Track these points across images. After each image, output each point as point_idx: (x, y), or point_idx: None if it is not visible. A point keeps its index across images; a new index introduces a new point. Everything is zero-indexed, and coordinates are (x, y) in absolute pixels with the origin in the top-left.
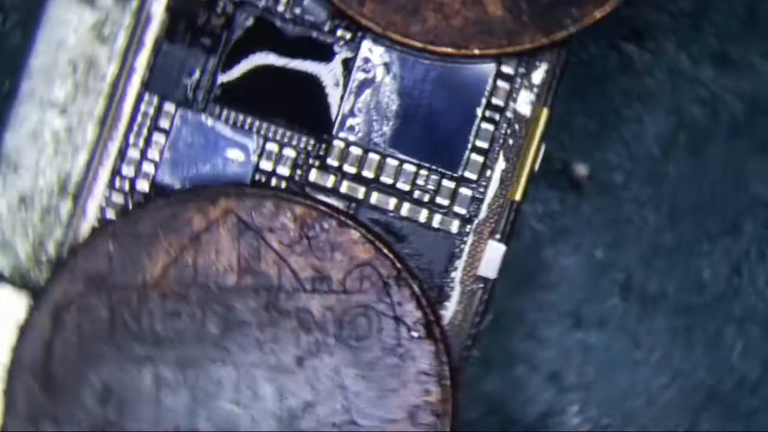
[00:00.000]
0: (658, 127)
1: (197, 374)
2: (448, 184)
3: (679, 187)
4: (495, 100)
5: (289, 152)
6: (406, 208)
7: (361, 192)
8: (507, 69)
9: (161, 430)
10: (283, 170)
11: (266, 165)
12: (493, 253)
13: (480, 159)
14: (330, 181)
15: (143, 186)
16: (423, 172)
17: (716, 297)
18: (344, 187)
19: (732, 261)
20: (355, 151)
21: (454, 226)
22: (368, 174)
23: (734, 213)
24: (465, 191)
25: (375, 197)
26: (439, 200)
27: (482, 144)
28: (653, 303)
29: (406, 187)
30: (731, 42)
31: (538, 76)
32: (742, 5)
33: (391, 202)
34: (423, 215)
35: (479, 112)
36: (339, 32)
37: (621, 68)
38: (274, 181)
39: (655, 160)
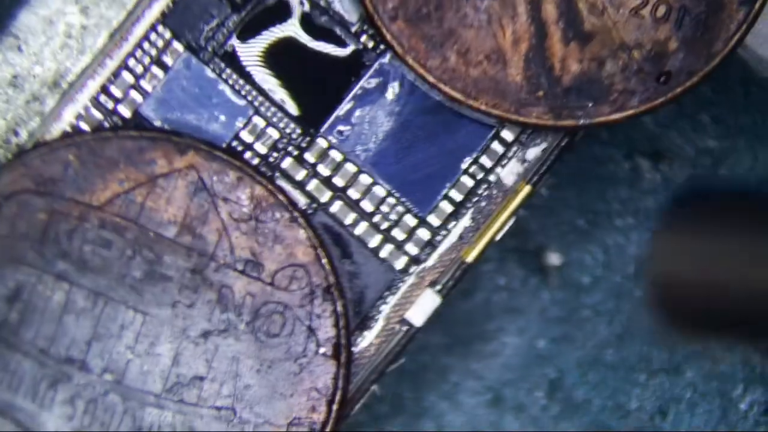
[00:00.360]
0: (642, 248)
1: (106, 310)
2: (409, 220)
3: (639, 312)
4: (484, 160)
5: (273, 132)
6: (361, 228)
7: (325, 196)
8: (507, 134)
9: (52, 351)
10: (261, 148)
11: (247, 136)
12: (427, 302)
13: (449, 209)
14: (300, 174)
15: (125, 111)
16: (391, 200)
17: (635, 428)
18: (311, 186)
19: (662, 400)
20: (335, 155)
21: (400, 262)
22: (339, 182)
23: (682, 356)
24: (423, 233)
25: (336, 206)
26: (395, 232)
27: (456, 196)
28: (574, 410)
29: (370, 209)
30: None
31: (533, 152)
32: (764, 166)
33: (350, 217)
34: (375, 241)
35: (465, 164)
36: (363, 38)
37: (628, 179)
38: (248, 155)
39: (626, 277)
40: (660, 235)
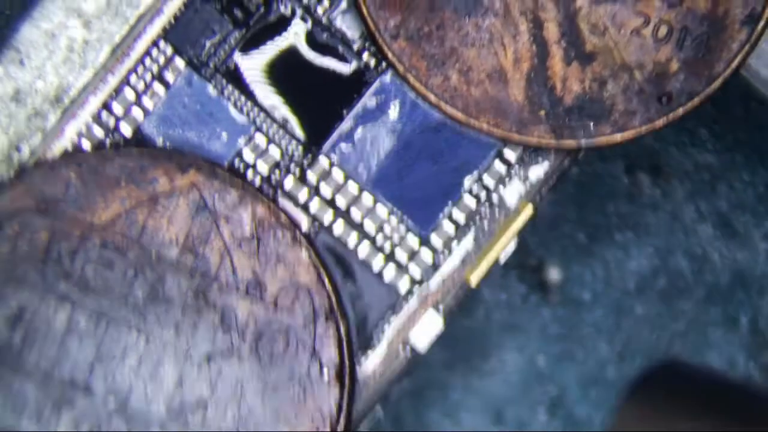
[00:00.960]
0: (641, 263)
1: (109, 332)
2: (412, 241)
3: (640, 329)
4: (486, 179)
5: (275, 151)
6: (364, 249)
7: (328, 216)
8: (509, 154)
9: (55, 373)
10: (263, 167)
11: (249, 155)
12: (430, 323)
13: (451, 229)
14: (303, 194)
15: (126, 129)
16: (393, 219)
17: None
18: (314, 205)
19: None
20: (337, 174)
21: (403, 283)
22: (341, 202)
23: None
24: (425, 254)
25: (339, 227)
26: (398, 253)
27: (458, 216)
28: (576, 427)
29: (372, 229)
30: (740, 211)
31: (535, 172)
32: (763, 183)
33: (353, 238)
34: (377, 261)
35: (467, 184)
36: (365, 55)
37: (628, 194)
38: (249, 174)
39: (626, 294)
40: (625, 408)
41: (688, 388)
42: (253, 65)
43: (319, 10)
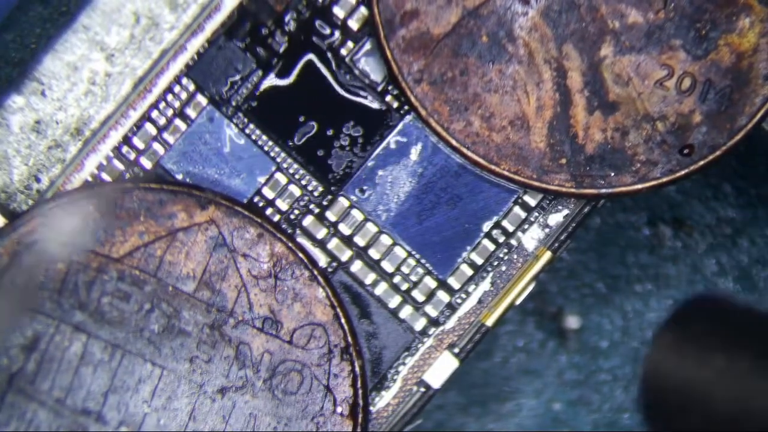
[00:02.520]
0: (660, 314)
1: (123, 362)
2: (429, 282)
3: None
4: (505, 224)
5: (295, 190)
6: (381, 288)
7: (346, 255)
8: (529, 200)
9: (68, 402)
10: (282, 204)
11: (268, 192)
12: (445, 364)
13: (469, 272)
14: (321, 233)
15: (146, 164)
16: (411, 261)
17: None
18: (332, 244)
19: None
20: (356, 215)
21: (420, 324)
22: (359, 242)
23: None
24: (442, 296)
25: (357, 265)
26: (415, 294)
27: (477, 259)
28: None
29: (390, 269)
30: (761, 266)
31: (555, 218)
32: None
33: (370, 277)
34: (394, 302)
35: (486, 227)
36: (388, 98)
37: (649, 245)
38: (269, 211)
39: (643, 343)
40: (660, 341)
41: (723, 323)
42: (275, 102)
43: (343, 51)
